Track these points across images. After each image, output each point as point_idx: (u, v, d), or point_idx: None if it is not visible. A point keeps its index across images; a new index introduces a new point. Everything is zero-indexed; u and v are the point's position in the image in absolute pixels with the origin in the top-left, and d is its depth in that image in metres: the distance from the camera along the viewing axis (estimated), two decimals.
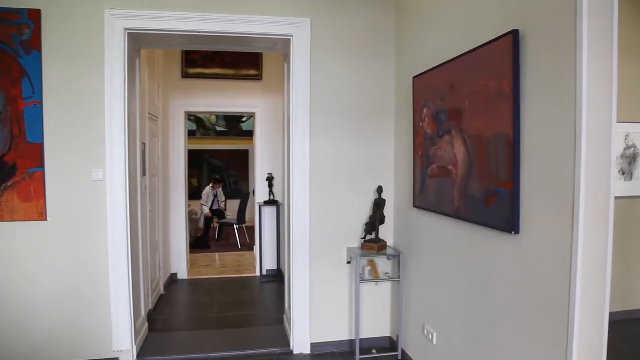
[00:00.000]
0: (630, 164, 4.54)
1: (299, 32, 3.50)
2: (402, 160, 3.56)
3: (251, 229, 8.18)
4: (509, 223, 2.12)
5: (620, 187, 4.52)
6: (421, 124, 3.10)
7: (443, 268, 2.90)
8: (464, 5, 2.60)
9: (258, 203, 6.21)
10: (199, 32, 3.41)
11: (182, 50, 5.93)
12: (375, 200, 3.62)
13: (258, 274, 6.28)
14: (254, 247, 6.89)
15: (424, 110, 3.04)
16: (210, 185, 9.51)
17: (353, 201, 3.68)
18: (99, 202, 3.33)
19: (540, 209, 1.97)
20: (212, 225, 9.15)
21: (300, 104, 3.55)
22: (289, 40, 3.55)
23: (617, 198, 4.58)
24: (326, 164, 3.62)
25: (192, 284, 5.94)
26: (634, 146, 4.53)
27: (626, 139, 4.50)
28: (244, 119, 11.34)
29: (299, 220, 3.60)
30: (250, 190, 9.53)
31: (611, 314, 4.57)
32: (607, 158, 1.80)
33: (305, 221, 3.60)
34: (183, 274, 6.10)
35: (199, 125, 11.30)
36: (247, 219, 8.89)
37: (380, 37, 3.68)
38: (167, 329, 4.25)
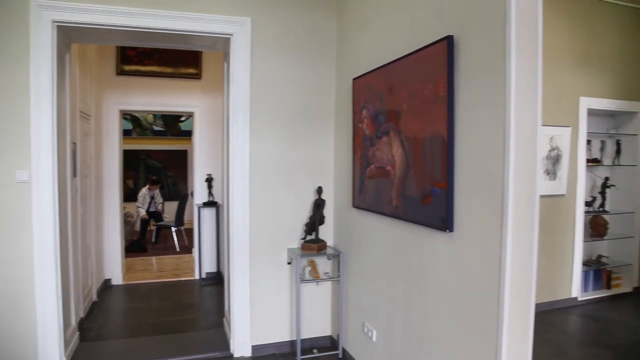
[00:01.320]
0: (554, 164, 4.85)
1: (239, 31, 3.46)
2: (342, 160, 3.61)
3: (190, 231, 7.98)
4: (444, 221, 2.19)
5: (545, 186, 4.81)
6: (360, 125, 3.15)
7: (382, 266, 2.96)
8: (402, 11, 2.67)
9: (197, 204, 6.07)
10: (134, 27, 3.27)
11: (117, 46, 5.68)
12: (315, 200, 3.64)
13: (197, 277, 6.13)
14: (193, 249, 6.73)
15: (363, 112, 3.10)
16: (147, 186, 9.19)
17: (293, 202, 3.68)
18: (24, 206, 3.12)
19: (473, 208, 2.06)
20: (148, 228, 8.85)
21: (239, 104, 3.50)
22: (229, 39, 3.50)
23: (542, 196, 4.90)
24: (266, 164, 3.60)
25: (128, 289, 5.71)
26: (557, 148, 4.84)
27: (550, 141, 4.80)
28: (183, 119, 11.05)
29: (238, 221, 3.55)
30: (189, 192, 9.30)
31: (537, 305, 4.88)
32: (533, 159, 1.90)
33: (244, 222, 3.56)
34: (118, 279, 5.84)
35: (135, 125, 10.89)
36: (185, 221, 8.67)
37: (321, 39, 3.71)
38: (100, 337, 4.05)
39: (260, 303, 3.65)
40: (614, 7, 5.17)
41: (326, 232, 3.76)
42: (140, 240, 8.38)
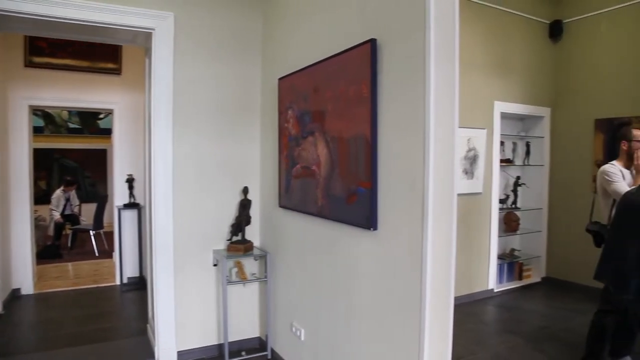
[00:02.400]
0: (471, 164, 5.12)
1: (161, 26, 3.33)
2: (268, 160, 3.59)
3: (110, 234, 7.58)
4: (368, 220, 2.24)
5: (464, 185, 5.07)
6: (286, 125, 3.15)
7: (308, 265, 2.98)
8: (327, 13, 2.70)
9: (117, 206, 5.78)
10: (45, 16, 3.02)
11: (25, 36, 5.27)
12: (241, 200, 3.59)
13: (118, 282, 5.84)
14: (113, 253, 6.41)
15: (289, 112, 3.10)
16: (61, 187, 8.62)
17: (219, 202, 3.60)
18: None
19: (396, 206, 2.12)
20: (64, 232, 8.30)
21: (162, 102, 3.37)
22: (151, 33, 3.35)
23: (461, 195, 5.16)
24: (190, 164, 3.49)
25: (40, 298, 5.31)
26: (474, 149, 5.11)
27: (468, 142, 5.07)
28: (102, 116, 10.48)
29: (161, 223, 3.42)
30: (109, 193, 8.83)
31: (457, 298, 5.13)
32: (451, 159, 1.99)
33: (168, 224, 3.43)
34: (28, 288, 5.41)
35: (47, 121, 10.17)
36: (105, 224, 8.23)
37: (247, 38, 3.66)
38: (7, 353, 3.72)
39: (185, 307, 3.54)
40: (523, 19, 5.56)
41: (253, 233, 3.72)
42: (54, 246, 7.83)
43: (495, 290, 5.50)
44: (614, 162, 3.46)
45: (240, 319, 3.76)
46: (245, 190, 3.59)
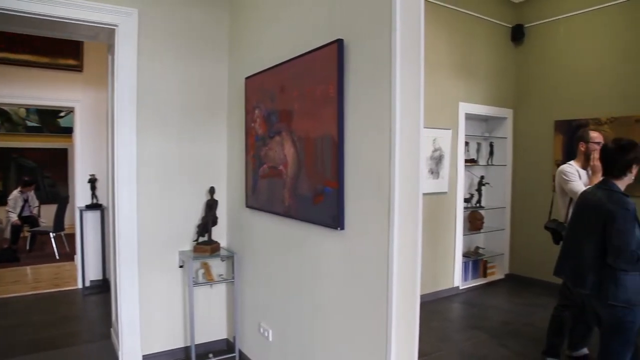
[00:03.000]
0: (437, 164, 5.20)
1: (125, 23, 3.25)
2: (235, 160, 3.55)
3: (71, 236, 7.35)
4: (335, 220, 2.25)
5: (430, 184, 5.15)
6: (253, 124, 3.12)
7: (276, 266, 2.97)
8: (295, 12, 2.69)
9: (79, 207, 5.61)
10: (1, 9, 2.90)
11: None
12: (207, 201, 3.55)
13: (80, 285, 5.66)
14: (75, 256, 6.22)
15: (256, 111, 3.07)
16: (19, 188, 8.30)
17: (185, 202, 3.54)
18: None
19: (362, 206, 2.13)
20: (22, 234, 7.99)
21: (126, 101, 3.29)
22: (114, 30, 3.26)
23: (427, 194, 5.24)
24: (155, 164, 3.42)
25: None
26: (440, 149, 5.19)
27: (434, 143, 5.15)
28: (62, 114, 10.15)
29: (125, 224, 3.34)
30: (70, 194, 8.57)
31: (423, 295, 5.20)
32: (416, 159, 2.01)
33: (132, 225, 3.35)
34: None
35: (4, 119, 9.78)
36: (66, 226, 7.98)
37: (214, 36, 3.61)
38: None
39: (151, 310, 3.47)
40: (486, 23, 5.70)
41: (219, 233, 3.68)
42: (11, 249, 7.54)
43: (461, 288, 5.61)
44: (571, 162, 3.59)
45: (207, 320, 3.71)
46: (212, 191, 3.55)
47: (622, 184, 2.60)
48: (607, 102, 5.16)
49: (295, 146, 2.58)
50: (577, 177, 3.40)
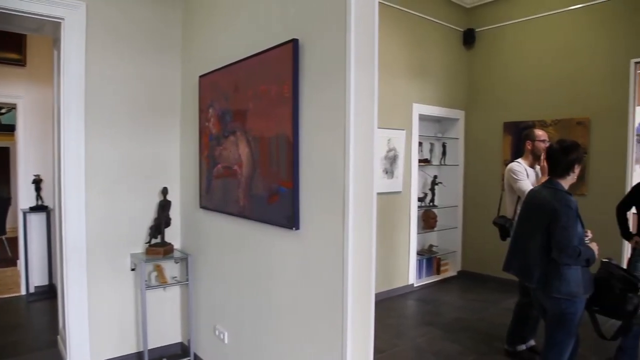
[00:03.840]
0: (391, 164, 5.28)
1: (71, 16, 3.11)
2: (189, 160, 3.48)
3: (14, 240, 6.99)
4: (290, 220, 2.24)
5: (384, 184, 5.22)
6: (207, 123, 3.07)
7: (231, 267, 2.93)
8: (250, 10, 2.67)
9: (22, 209, 5.34)
10: None
11: None
12: (160, 202, 3.46)
13: (24, 292, 5.39)
14: (18, 261, 5.91)
15: (210, 110, 3.02)
16: None
17: (136, 203, 3.44)
18: None
19: (317, 206, 2.14)
20: None
21: (73, 98, 3.15)
22: (60, 23, 3.11)
23: (382, 194, 5.31)
24: (105, 164, 3.30)
25: None
26: (394, 149, 5.28)
27: (388, 143, 5.22)
28: (3, 111, 9.64)
29: (73, 227, 3.20)
30: (13, 195, 8.15)
31: (379, 293, 5.26)
32: (370, 159, 2.04)
33: (80, 228, 3.22)
34: None
35: None
36: (8, 229, 7.58)
37: (167, 33, 3.52)
38: None
39: (101, 315, 3.34)
40: (440, 26, 5.84)
41: (173, 235, 3.59)
42: None
43: (415, 285, 5.72)
44: (519, 160, 3.73)
45: (161, 324, 3.62)
46: (165, 191, 3.46)
47: (565, 183, 2.72)
48: (552, 105, 5.40)
49: (250, 146, 2.56)
50: (525, 176, 3.54)
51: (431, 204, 6.10)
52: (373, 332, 2.10)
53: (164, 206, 3.44)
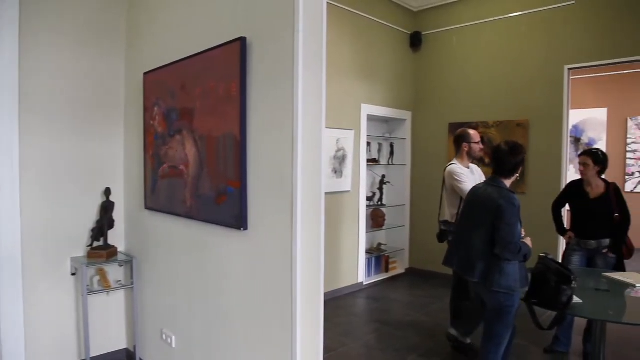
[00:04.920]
0: (340, 164, 5.33)
1: (2, 4, 2.93)
2: (133, 159, 3.38)
3: None
4: (238, 220, 2.22)
5: (333, 183, 5.26)
6: (152, 122, 2.99)
7: (178, 269, 2.87)
8: (198, 7, 2.62)
9: None
10: None
11: None
12: (103, 203, 3.33)
13: None
14: None
15: (155, 109, 2.95)
16: None
17: (77, 205, 3.29)
18: None
19: (266, 206, 2.13)
20: None
21: (5, 94, 2.96)
22: None
23: (331, 193, 5.33)
24: (42, 164, 3.13)
25: None
26: (343, 149, 5.33)
27: (337, 143, 5.27)
28: None
29: (6, 232, 3.01)
30: None
31: (329, 292, 5.29)
32: (318, 159, 2.05)
33: (14, 231, 3.03)
34: None
35: None
36: None
37: (111, 27, 3.39)
38: None
39: (38, 324, 3.16)
40: (388, 28, 5.96)
41: (117, 237, 3.47)
42: None
43: (364, 283, 5.81)
44: (455, 161, 3.84)
45: (105, 330, 3.48)
46: (108, 192, 3.34)
47: (509, 182, 2.86)
48: (494, 108, 5.64)
49: (197, 145, 2.51)
50: (467, 177, 3.65)
51: (379, 203, 6.21)
52: (323, 332, 2.11)
53: (107, 207, 3.32)
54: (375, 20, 5.73)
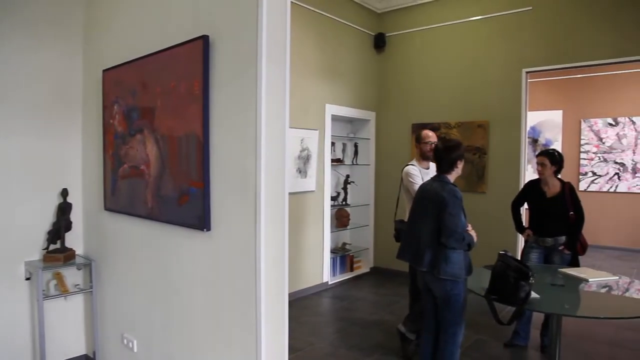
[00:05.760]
0: (305, 164, 5.34)
1: None
2: (92, 159, 3.28)
3: None
4: (201, 221, 2.19)
5: (298, 183, 5.26)
6: (112, 121, 2.91)
7: (140, 272, 2.81)
8: (159, 4, 2.57)
9: None
10: None
11: None
12: (60, 204, 3.22)
13: None
14: None
15: (115, 107, 2.87)
16: None
17: (32, 207, 3.16)
18: None
19: (229, 206, 2.11)
20: None
21: None
22: None
23: (295, 193, 5.33)
24: None
25: None
26: (307, 149, 5.34)
27: (302, 143, 5.27)
28: None
29: None
30: None
31: (294, 292, 5.28)
32: (282, 159, 2.05)
33: None
34: None
35: None
36: None
37: (68, 22, 3.27)
38: None
39: None
40: (352, 29, 6.00)
41: (75, 240, 3.36)
42: None
43: (330, 283, 5.83)
44: (413, 162, 3.91)
45: (63, 336, 3.36)
46: (65, 193, 3.23)
47: (452, 177, 3.02)
48: (456, 109, 5.77)
49: (159, 145, 2.46)
50: (420, 178, 3.71)
51: (344, 202, 6.24)
52: (287, 332, 2.11)
53: (64, 209, 3.21)
54: (339, 21, 5.76)
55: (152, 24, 2.63)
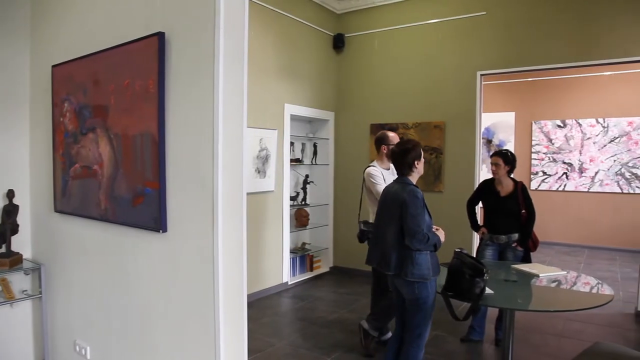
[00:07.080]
0: (263, 163, 5.30)
1: None
2: (40, 159, 3.14)
3: None
4: (157, 222, 2.14)
5: (257, 183, 5.22)
6: (62, 119, 2.80)
7: (93, 275, 2.72)
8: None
9: None
10: None
11: None
12: (5, 206, 3.06)
13: None
14: None
15: (65, 105, 2.76)
16: None
17: None
18: None
19: (186, 207, 2.07)
20: None
21: None
22: None
23: (254, 193, 5.29)
24: None
25: None
26: (266, 149, 5.31)
27: (260, 142, 5.23)
28: None
29: None
30: None
31: (254, 293, 5.24)
32: (239, 158, 2.03)
33: None
34: None
35: None
36: None
37: (12, 13, 3.12)
38: None
39: None
40: (311, 29, 6.01)
41: (22, 243, 3.21)
42: None
43: (289, 283, 5.82)
44: (375, 163, 3.95)
45: (9, 345, 3.21)
46: (10, 194, 3.08)
47: (412, 177, 3.02)
48: (413, 110, 5.87)
49: (112, 144, 2.39)
50: (382, 179, 3.76)
51: (303, 202, 6.24)
52: (247, 333, 2.09)
53: (10, 211, 3.06)
54: (298, 20, 5.75)
55: (106, 18, 2.54)
